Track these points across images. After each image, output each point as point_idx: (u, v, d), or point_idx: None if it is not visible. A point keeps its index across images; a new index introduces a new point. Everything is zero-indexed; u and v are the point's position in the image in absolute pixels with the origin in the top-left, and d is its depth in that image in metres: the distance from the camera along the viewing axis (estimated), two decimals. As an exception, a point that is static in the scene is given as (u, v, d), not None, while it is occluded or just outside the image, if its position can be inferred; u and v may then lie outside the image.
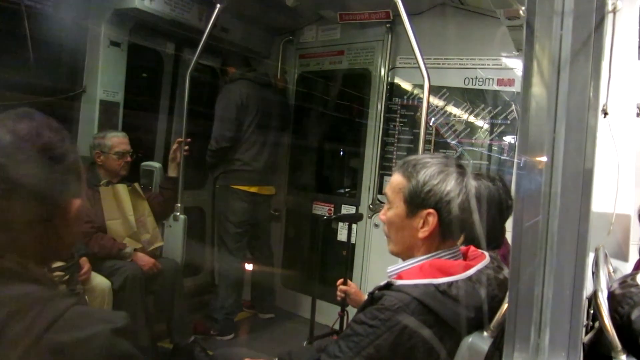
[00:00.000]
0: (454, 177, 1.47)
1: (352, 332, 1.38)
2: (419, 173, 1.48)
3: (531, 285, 1.01)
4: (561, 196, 0.99)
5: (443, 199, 1.45)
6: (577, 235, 1.00)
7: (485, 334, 1.21)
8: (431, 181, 1.46)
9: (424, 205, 1.47)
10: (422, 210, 1.47)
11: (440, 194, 1.45)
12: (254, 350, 2.06)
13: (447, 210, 1.45)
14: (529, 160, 1.02)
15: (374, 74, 4.09)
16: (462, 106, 3.70)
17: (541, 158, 1.00)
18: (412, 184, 1.48)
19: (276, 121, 4.24)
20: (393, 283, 1.39)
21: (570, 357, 1.01)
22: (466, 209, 1.46)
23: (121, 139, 3.36)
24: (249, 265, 4.28)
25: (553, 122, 0.99)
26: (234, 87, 4.00)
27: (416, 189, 1.47)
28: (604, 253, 1.85)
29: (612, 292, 1.30)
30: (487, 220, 1.64)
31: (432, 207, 1.46)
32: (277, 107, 4.26)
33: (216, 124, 3.96)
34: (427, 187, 1.46)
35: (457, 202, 1.45)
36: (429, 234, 1.47)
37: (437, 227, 1.47)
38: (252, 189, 4.04)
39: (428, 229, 1.47)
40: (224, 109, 3.95)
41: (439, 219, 1.46)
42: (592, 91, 1.00)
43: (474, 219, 1.47)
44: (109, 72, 3.52)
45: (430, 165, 1.49)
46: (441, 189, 1.45)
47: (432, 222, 1.46)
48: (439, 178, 1.46)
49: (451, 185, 1.46)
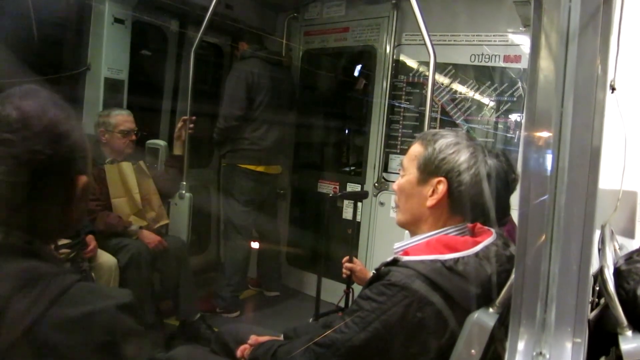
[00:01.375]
0: (470, 150, 1.48)
1: (358, 308, 1.39)
2: (436, 142, 1.50)
3: (537, 261, 1.01)
4: (568, 172, 0.99)
5: (455, 168, 1.46)
6: (584, 212, 0.99)
7: (491, 310, 1.21)
8: (446, 150, 1.48)
9: (435, 172, 1.48)
10: (433, 177, 1.48)
11: (453, 163, 1.47)
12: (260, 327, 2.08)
13: (458, 181, 1.46)
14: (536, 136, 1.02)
15: (379, 51, 4.05)
16: (468, 83, 3.67)
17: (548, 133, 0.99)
18: (428, 151, 1.50)
19: (284, 100, 4.22)
20: (399, 259, 1.40)
21: (576, 332, 1.02)
22: (476, 183, 1.46)
23: (126, 117, 3.35)
24: (254, 243, 4.30)
25: (561, 97, 0.98)
26: (244, 65, 3.96)
27: (431, 156, 1.49)
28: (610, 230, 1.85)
29: (617, 268, 1.30)
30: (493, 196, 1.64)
31: (443, 176, 1.47)
32: (285, 86, 4.23)
33: (225, 102, 3.93)
34: (441, 155, 1.48)
35: (468, 175, 1.45)
36: (436, 203, 1.48)
37: (446, 199, 1.48)
38: (259, 168, 4.04)
39: (437, 197, 1.48)
40: (233, 87, 3.91)
41: (448, 189, 1.47)
42: (600, 65, 0.98)
43: (483, 194, 1.47)
44: (113, 49, 3.49)
45: (448, 136, 1.51)
46: (454, 159, 1.47)
47: (441, 191, 1.47)
48: (455, 148, 1.48)
49: (465, 157, 1.47)
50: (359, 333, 1.35)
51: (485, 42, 3.54)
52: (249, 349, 1.78)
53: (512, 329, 1.05)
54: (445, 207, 1.50)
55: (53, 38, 3.39)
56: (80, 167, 0.99)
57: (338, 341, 1.38)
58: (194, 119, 3.68)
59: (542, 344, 1.02)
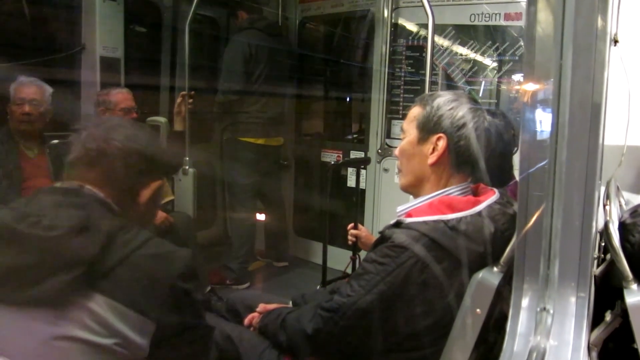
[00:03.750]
0: (467, 106, 1.49)
1: (363, 271, 1.40)
2: (434, 100, 1.51)
3: (539, 217, 1.01)
4: (569, 127, 0.97)
5: (454, 123, 1.46)
6: (585, 167, 0.98)
7: (495, 269, 1.21)
8: (444, 107, 1.48)
9: (434, 129, 1.48)
10: (432, 135, 1.49)
11: (451, 118, 1.47)
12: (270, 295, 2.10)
13: (457, 137, 1.47)
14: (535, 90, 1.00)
15: (377, 16, 3.98)
16: (468, 44, 3.61)
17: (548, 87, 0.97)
18: (426, 110, 1.50)
19: (284, 71, 4.17)
20: (403, 221, 1.40)
21: (580, 287, 1.02)
22: (476, 138, 1.45)
23: (125, 95, 3.32)
24: (260, 215, 4.31)
25: (559, 49, 0.96)
26: (242, 38, 3.90)
27: (429, 115, 1.49)
28: (616, 186, 1.84)
29: (622, 221, 1.29)
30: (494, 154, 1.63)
31: (443, 132, 1.47)
32: (285, 56, 4.18)
33: (224, 76, 3.89)
34: (439, 112, 1.48)
35: (467, 129, 1.45)
36: (437, 160, 1.48)
37: (447, 155, 1.48)
38: (260, 140, 4.02)
39: (437, 154, 1.48)
40: (232, 60, 3.86)
41: (448, 144, 1.47)
42: (600, 17, 0.96)
43: (484, 149, 1.47)
44: (106, 27, 3.45)
45: (445, 95, 1.52)
46: (453, 114, 1.47)
47: (441, 147, 1.47)
48: (452, 105, 1.49)
49: (463, 112, 1.47)
50: (364, 295, 1.36)
51: (485, 1, 3.47)
52: (258, 316, 1.80)
53: (516, 285, 1.06)
54: (446, 165, 1.50)
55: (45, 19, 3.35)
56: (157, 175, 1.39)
57: (345, 304, 1.39)
58: (193, 94, 3.65)
59: (546, 299, 1.02)
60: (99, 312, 1.12)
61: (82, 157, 1.31)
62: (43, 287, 1.10)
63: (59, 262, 1.11)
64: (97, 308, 1.12)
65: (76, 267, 1.11)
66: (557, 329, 1.01)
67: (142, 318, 1.15)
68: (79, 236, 1.13)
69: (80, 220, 1.16)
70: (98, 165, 1.30)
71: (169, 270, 1.20)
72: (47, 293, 1.10)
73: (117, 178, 1.31)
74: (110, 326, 1.12)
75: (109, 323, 1.12)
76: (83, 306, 1.11)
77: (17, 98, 2.91)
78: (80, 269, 1.11)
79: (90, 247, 1.13)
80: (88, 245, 1.13)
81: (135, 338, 1.15)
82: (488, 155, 1.50)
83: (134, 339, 1.14)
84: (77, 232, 1.14)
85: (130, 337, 1.14)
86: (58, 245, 1.12)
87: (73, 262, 1.11)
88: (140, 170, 1.34)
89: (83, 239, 1.14)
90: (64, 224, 1.14)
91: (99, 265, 1.13)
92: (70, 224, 1.14)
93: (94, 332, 1.11)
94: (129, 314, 1.13)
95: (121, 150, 1.30)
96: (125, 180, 1.32)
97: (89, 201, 1.25)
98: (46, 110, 2.99)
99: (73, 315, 1.11)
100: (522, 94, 1.05)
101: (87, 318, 1.11)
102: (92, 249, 1.13)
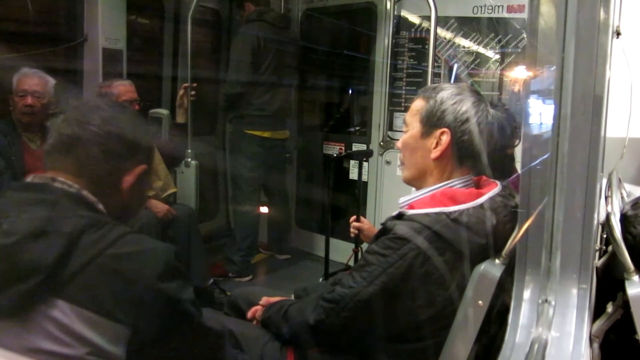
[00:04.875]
0: (471, 100, 1.48)
1: (365, 263, 1.40)
2: (437, 94, 1.50)
3: (542, 209, 1.01)
4: (571, 119, 0.97)
5: (458, 118, 1.46)
6: (587, 159, 0.98)
7: (497, 261, 1.22)
8: (448, 101, 1.47)
9: (438, 124, 1.48)
10: (436, 129, 1.48)
11: (455, 113, 1.46)
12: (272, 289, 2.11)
13: (461, 131, 1.46)
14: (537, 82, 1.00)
15: (380, 8, 3.97)
16: (471, 37, 3.60)
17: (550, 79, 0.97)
18: (430, 104, 1.50)
19: (290, 63, 4.17)
20: (405, 213, 1.41)
21: (581, 279, 1.02)
22: (479, 133, 1.45)
23: (128, 87, 3.32)
24: (263, 208, 4.32)
25: (562, 41, 0.96)
26: (250, 30, 3.88)
27: (433, 108, 1.49)
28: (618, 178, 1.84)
29: (624, 213, 1.30)
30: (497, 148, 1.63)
31: (446, 127, 1.46)
32: (290, 49, 4.17)
33: (231, 68, 3.87)
34: (443, 107, 1.47)
35: (471, 124, 1.45)
36: (441, 154, 1.48)
37: (450, 150, 1.48)
38: (266, 134, 4.01)
39: (441, 148, 1.48)
40: (239, 52, 3.84)
41: (452, 139, 1.47)
42: (602, 9, 0.96)
43: (487, 143, 1.47)
44: (109, 18, 3.44)
45: (449, 88, 1.51)
46: (456, 109, 1.46)
47: (445, 142, 1.47)
48: (457, 99, 1.48)
49: (467, 107, 1.46)
50: (366, 287, 1.37)
51: (488, -7, 3.45)
52: (260, 309, 1.80)
53: (518, 277, 1.06)
54: (449, 159, 1.50)
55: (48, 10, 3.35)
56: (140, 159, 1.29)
57: (347, 296, 1.40)
58: (195, 85, 3.65)
59: (548, 291, 1.03)
60: (65, 321, 1.05)
61: (57, 145, 1.23)
62: (1, 298, 1.04)
63: (16, 271, 1.04)
64: (63, 317, 1.05)
65: (34, 276, 1.03)
66: (558, 320, 1.01)
67: (115, 325, 1.07)
68: (36, 242, 1.06)
69: (40, 223, 1.08)
70: (73, 152, 1.21)
71: (143, 270, 1.12)
72: (7, 304, 1.04)
73: (94, 165, 1.21)
74: (79, 335, 1.05)
75: (76, 332, 1.05)
76: (47, 316, 1.05)
77: (19, 90, 2.91)
78: (38, 278, 1.03)
79: (48, 253, 1.05)
80: (45, 252, 1.05)
81: (108, 347, 1.07)
82: (491, 148, 1.50)
83: (106, 348, 1.07)
84: (34, 237, 1.06)
85: (102, 346, 1.07)
86: (15, 253, 1.05)
87: (30, 270, 1.04)
88: (120, 155, 1.24)
89: (40, 245, 1.06)
90: (20, 229, 1.07)
91: (61, 271, 1.06)
92: (28, 229, 1.07)
93: (62, 343, 1.05)
94: (98, 321, 1.06)
95: (96, 134, 1.21)
96: (102, 167, 1.22)
97: (57, 197, 1.16)
98: (49, 102, 2.99)
99: (38, 326, 1.05)
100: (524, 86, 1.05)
101: (53, 328, 1.05)
102: (49, 256, 1.05)
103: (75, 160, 1.21)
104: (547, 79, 0.99)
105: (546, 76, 0.99)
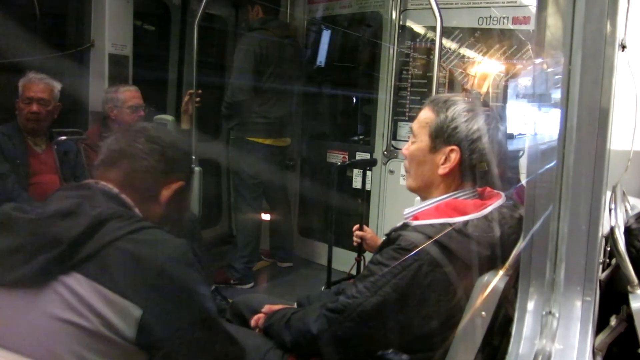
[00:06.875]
0: (482, 117, 1.46)
1: (369, 273, 1.40)
2: (448, 109, 1.47)
3: (546, 221, 1.01)
4: (577, 131, 0.98)
5: (469, 137, 1.45)
6: (593, 172, 0.98)
7: (501, 273, 1.21)
8: (459, 118, 1.46)
9: (448, 141, 1.46)
10: (445, 146, 1.47)
11: (466, 131, 1.45)
12: (274, 296, 2.10)
13: (470, 150, 1.45)
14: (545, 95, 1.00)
15: (385, 17, 3.99)
16: (476, 47, 3.61)
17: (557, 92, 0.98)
18: (440, 118, 1.48)
19: (293, 71, 4.17)
20: (409, 224, 1.41)
21: (585, 291, 1.02)
22: (489, 152, 1.44)
23: (133, 92, 3.34)
24: (265, 215, 4.32)
25: (569, 54, 0.96)
26: (253, 37, 3.88)
27: (443, 124, 1.47)
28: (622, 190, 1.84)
29: (628, 226, 1.30)
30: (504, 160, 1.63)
31: (456, 144, 1.45)
32: (294, 57, 4.18)
33: (234, 75, 3.87)
34: (454, 124, 1.45)
35: (481, 143, 1.44)
36: (448, 171, 1.48)
37: (458, 166, 1.47)
38: (268, 141, 4.01)
39: (449, 165, 1.47)
40: (242, 59, 3.83)
41: (461, 157, 1.46)
42: (609, 22, 0.97)
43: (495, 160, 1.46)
44: (116, 24, 3.47)
45: (460, 103, 1.48)
46: (468, 127, 1.45)
47: (453, 159, 1.46)
48: (467, 116, 1.46)
49: (478, 125, 1.45)
50: (370, 297, 1.37)
51: (494, 4, 3.46)
52: (263, 317, 1.80)
53: (522, 288, 1.06)
54: (457, 174, 1.49)
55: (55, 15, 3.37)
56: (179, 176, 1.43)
57: (350, 306, 1.40)
58: (200, 92, 3.66)
59: (552, 303, 1.03)
60: (81, 293, 1.14)
61: (105, 159, 1.39)
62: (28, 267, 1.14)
63: (43, 242, 1.15)
64: (80, 289, 1.14)
65: (57, 247, 1.14)
66: (562, 332, 1.01)
67: (128, 303, 1.15)
68: (64, 220, 1.18)
69: (71, 206, 1.20)
70: (118, 165, 1.36)
71: (159, 256, 1.20)
72: (31, 271, 1.14)
73: (135, 177, 1.36)
74: (93, 308, 1.13)
75: (91, 304, 1.13)
76: (66, 286, 1.14)
77: (25, 96, 2.92)
78: (60, 249, 1.14)
79: (72, 229, 1.16)
80: (70, 227, 1.16)
81: (119, 323, 1.14)
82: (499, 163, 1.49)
83: (116, 324, 1.14)
84: (63, 216, 1.18)
85: (113, 321, 1.14)
86: (44, 226, 1.17)
87: (54, 241, 1.15)
88: (159, 171, 1.38)
89: (67, 222, 1.17)
90: (52, 209, 1.20)
91: (82, 247, 1.16)
92: (59, 208, 1.20)
93: (76, 312, 1.13)
94: (113, 299, 1.14)
95: (140, 150, 1.36)
96: (143, 180, 1.37)
97: (94, 193, 1.30)
98: (54, 108, 3.01)
99: (56, 294, 1.14)
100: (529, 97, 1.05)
101: (70, 298, 1.14)
102: (73, 230, 1.16)
103: (119, 172, 1.35)
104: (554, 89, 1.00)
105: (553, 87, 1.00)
